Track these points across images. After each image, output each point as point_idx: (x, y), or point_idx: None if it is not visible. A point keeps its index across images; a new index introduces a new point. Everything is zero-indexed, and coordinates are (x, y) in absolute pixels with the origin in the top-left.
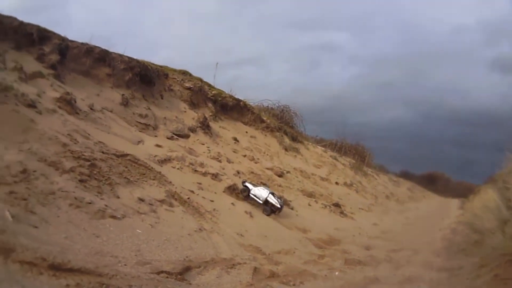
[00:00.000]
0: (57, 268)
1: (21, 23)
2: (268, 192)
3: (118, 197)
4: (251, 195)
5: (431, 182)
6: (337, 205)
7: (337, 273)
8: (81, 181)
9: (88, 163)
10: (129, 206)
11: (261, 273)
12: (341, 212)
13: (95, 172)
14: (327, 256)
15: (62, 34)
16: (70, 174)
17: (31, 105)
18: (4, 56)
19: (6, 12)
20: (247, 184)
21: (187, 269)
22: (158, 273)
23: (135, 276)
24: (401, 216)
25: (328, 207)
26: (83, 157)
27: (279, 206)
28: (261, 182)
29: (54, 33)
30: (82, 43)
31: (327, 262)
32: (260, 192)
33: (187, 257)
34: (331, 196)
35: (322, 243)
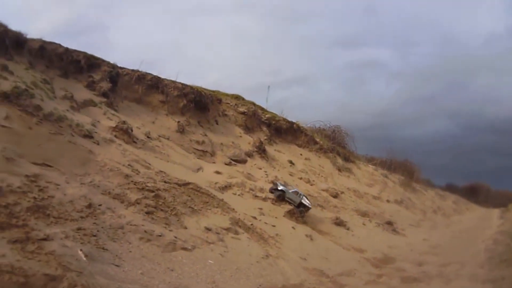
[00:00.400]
0: None
1: (67, 49)
2: (301, 195)
3: (186, 228)
4: (286, 199)
5: (473, 193)
6: (389, 223)
7: None
8: (147, 213)
9: (153, 194)
10: (197, 236)
11: None
12: (393, 230)
13: (160, 203)
14: (384, 275)
15: (112, 61)
16: (136, 207)
17: (87, 135)
18: (52, 84)
19: (47, 37)
20: (278, 184)
21: None
22: None
23: None
24: (448, 229)
25: (381, 225)
26: (147, 188)
27: (310, 207)
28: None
29: (103, 60)
30: (132, 70)
31: (385, 281)
32: (295, 197)
33: (260, 285)
34: (383, 214)
35: (378, 262)
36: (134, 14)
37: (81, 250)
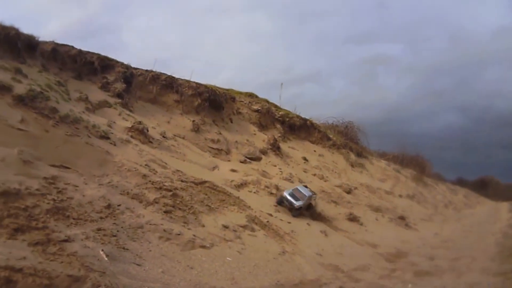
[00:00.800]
0: None
1: (80, 51)
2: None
3: (203, 226)
4: (285, 202)
5: (483, 187)
6: (402, 217)
7: (410, 285)
8: (166, 212)
9: (170, 193)
10: (215, 234)
11: None
12: (406, 224)
13: (178, 202)
14: (398, 269)
15: (125, 62)
16: (155, 206)
17: (104, 136)
18: (66, 86)
19: (60, 40)
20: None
21: None
22: None
23: None
24: (459, 223)
25: (393, 220)
26: (165, 187)
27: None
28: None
29: (117, 61)
30: (146, 70)
31: (399, 275)
32: (291, 201)
33: (278, 281)
34: (396, 209)
35: (391, 257)
36: (147, 14)
37: (102, 250)
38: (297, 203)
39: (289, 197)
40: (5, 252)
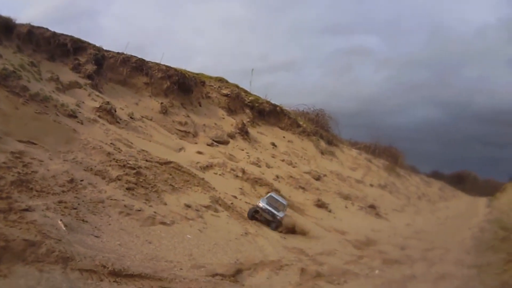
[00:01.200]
0: (117, 275)
1: (54, 33)
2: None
3: (166, 204)
4: (259, 216)
5: (460, 181)
6: (372, 206)
7: (377, 271)
8: (128, 189)
9: (134, 171)
10: (177, 213)
11: (307, 273)
12: (376, 214)
13: (141, 180)
14: (365, 256)
15: (97, 44)
16: (117, 183)
17: (72, 115)
18: (39, 67)
19: (37, 23)
20: (260, 202)
21: (239, 271)
22: (213, 275)
23: (193, 279)
24: (433, 216)
25: (364, 209)
26: (128, 165)
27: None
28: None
29: (89, 43)
30: (118, 53)
31: (367, 262)
32: (268, 215)
33: (237, 260)
34: (366, 198)
35: (360, 244)
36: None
37: (61, 220)
38: (279, 214)
39: (269, 207)
40: None
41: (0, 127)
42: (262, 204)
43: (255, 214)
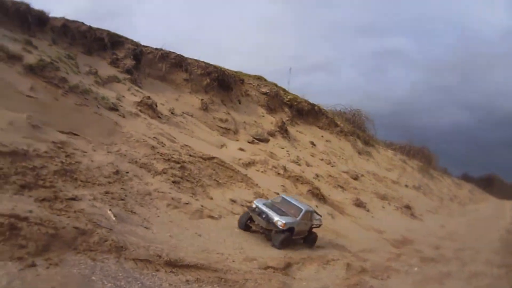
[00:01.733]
0: (173, 265)
1: (90, 27)
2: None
3: (212, 198)
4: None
5: (488, 184)
6: (407, 207)
7: (416, 269)
8: (174, 182)
9: (178, 165)
10: (223, 207)
11: (353, 268)
12: (411, 214)
13: (186, 174)
14: (403, 254)
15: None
16: (163, 176)
17: (113, 108)
18: (76, 60)
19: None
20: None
21: (289, 265)
22: (265, 268)
23: (247, 271)
24: (464, 218)
25: (399, 209)
26: (173, 159)
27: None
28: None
29: (126, 38)
30: (156, 49)
31: (405, 259)
32: (262, 221)
33: (286, 254)
34: (402, 198)
35: (397, 243)
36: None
37: (110, 210)
38: (281, 221)
39: (266, 210)
40: (11, 205)
41: (39, 117)
42: (258, 204)
43: (249, 223)
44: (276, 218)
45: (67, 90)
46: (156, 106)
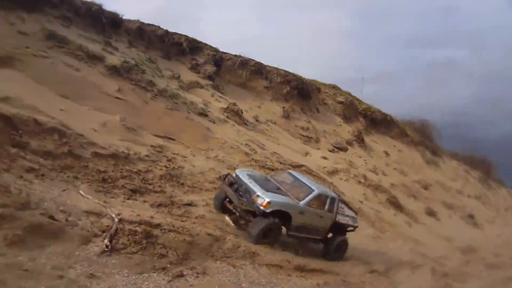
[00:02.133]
0: (301, 269)
1: (167, 31)
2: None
3: None
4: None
5: None
6: (471, 216)
7: (485, 273)
8: None
9: (273, 172)
10: None
11: (437, 273)
12: (474, 223)
13: None
14: (471, 261)
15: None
16: None
17: (202, 113)
18: (157, 64)
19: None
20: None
21: (388, 269)
22: (371, 272)
23: (360, 274)
24: None
25: (463, 218)
26: (267, 166)
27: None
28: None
29: (205, 44)
30: (235, 55)
31: (474, 265)
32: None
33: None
34: (465, 208)
35: (464, 251)
36: (224, 7)
37: (228, 216)
38: (264, 198)
39: (247, 181)
40: (129, 210)
41: (133, 120)
42: (238, 174)
43: (227, 203)
44: (257, 192)
45: (156, 93)
46: (242, 112)
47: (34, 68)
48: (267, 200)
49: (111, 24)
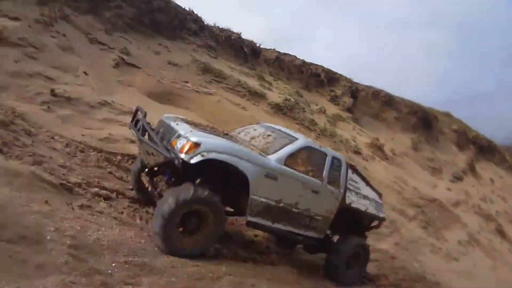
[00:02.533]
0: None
1: (304, 62)
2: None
3: (447, 240)
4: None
5: None
6: None
7: None
8: (423, 228)
9: (420, 209)
10: (454, 249)
11: None
12: None
13: (426, 218)
14: None
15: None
16: (414, 222)
17: (356, 151)
18: (302, 96)
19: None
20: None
21: None
22: None
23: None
24: None
25: None
26: (413, 203)
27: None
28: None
29: (341, 75)
30: (367, 86)
31: None
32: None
33: None
34: None
35: None
36: (330, 27)
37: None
38: (190, 138)
39: (173, 124)
40: None
41: None
42: (165, 120)
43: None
44: (179, 131)
45: (318, 133)
46: (383, 147)
47: (203, 107)
48: (194, 140)
49: (251, 53)
